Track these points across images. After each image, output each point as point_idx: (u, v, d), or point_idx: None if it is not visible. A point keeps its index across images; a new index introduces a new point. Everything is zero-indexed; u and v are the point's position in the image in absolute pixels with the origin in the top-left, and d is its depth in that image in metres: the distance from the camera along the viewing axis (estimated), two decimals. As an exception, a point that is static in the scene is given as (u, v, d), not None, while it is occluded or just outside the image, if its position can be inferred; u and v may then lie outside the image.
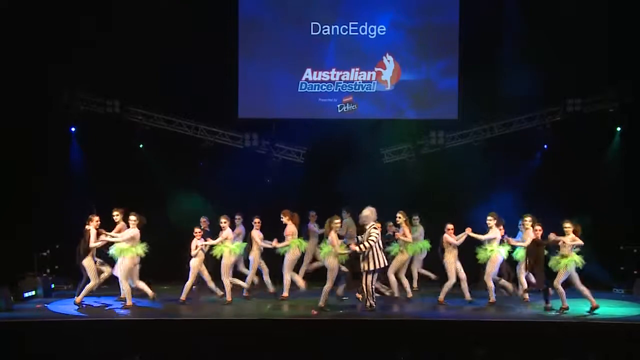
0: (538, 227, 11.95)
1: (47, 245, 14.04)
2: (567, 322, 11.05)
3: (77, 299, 12.04)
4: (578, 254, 11.65)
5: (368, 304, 11.72)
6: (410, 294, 13.02)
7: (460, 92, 15.95)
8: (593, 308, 11.56)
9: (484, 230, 12.56)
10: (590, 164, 15.35)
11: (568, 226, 11.64)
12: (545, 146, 15.89)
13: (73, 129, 15.80)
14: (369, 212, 11.82)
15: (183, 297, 12.34)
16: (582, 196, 15.14)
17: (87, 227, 12.12)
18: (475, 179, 15.36)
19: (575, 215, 12.18)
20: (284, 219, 13.08)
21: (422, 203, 14.95)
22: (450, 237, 12.55)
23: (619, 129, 15.51)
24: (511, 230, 12.92)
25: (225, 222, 12.61)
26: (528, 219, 12.41)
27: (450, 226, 12.65)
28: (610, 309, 12.14)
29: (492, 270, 12.42)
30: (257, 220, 13.17)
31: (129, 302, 11.95)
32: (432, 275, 14.16)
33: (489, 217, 12.44)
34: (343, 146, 15.77)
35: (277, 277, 13.26)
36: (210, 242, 12.52)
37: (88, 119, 15.74)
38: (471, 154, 15.90)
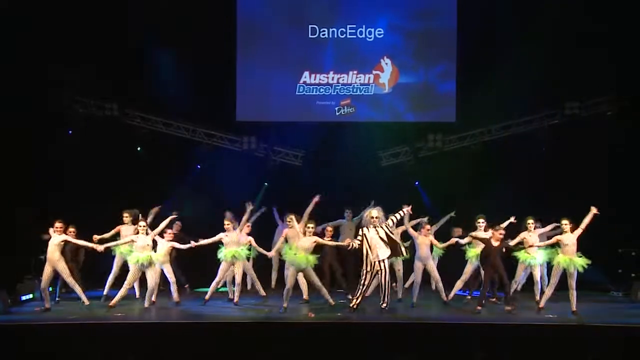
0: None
1: (45, 249, 13.99)
2: (566, 325, 11.04)
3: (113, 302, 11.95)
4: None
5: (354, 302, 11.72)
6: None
7: (458, 95, 15.98)
8: (540, 309, 11.77)
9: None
10: (589, 167, 15.35)
11: (565, 223, 11.72)
12: (544, 149, 15.90)
13: (71, 132, 15.79)
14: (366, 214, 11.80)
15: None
16: (580, 199, 15.13)
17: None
18: (473, 181, 15.38)
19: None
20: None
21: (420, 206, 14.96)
22: (413, 232, 12.57)
23: (617, 132, 15.52)
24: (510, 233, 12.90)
25: (229, 224, 12.50)
26: (530, 222, 12.45)
27: (427, 226, 12.71)
28: (608, 311, 12.14)
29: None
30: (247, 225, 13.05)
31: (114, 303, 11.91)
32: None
33: (481, 220, 12.49)
34: (341, 149, 15.80)
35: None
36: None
37: (86, 121, 15.75)
38: (469, 156, 15.92)
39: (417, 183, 16.32)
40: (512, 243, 12.16)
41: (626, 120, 15.27)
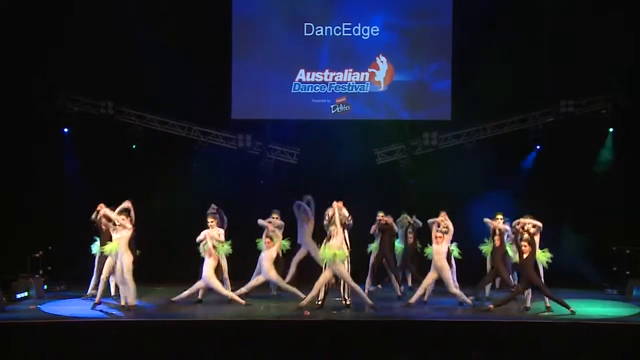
0: None
1: (40, 247, 13.99)
2: (561, 322, 11.08)
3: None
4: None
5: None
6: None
7: (454, 93, 15.98)
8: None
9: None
10: (583, 165, 15.40)
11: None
12: (538, 147, 15.94)
13: (66, 130, 15.76)
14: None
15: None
16: (574, 197, 15.20)
17: None
18: (468, 179, 15.40)
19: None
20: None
21: (415, 203, 14.99)
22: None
23: (611, 130, 15.58)
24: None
25: (213, 222, 12.53)
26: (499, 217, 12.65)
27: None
28: (602, 309, 12.19)
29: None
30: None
31: (133, 302, 11.85)
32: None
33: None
34: (336, 147, 15.78)
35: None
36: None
37: (82, 120, 15.71)
38: (464, 155, 15.94)
39: (412, 181, 16.31)
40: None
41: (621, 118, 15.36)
